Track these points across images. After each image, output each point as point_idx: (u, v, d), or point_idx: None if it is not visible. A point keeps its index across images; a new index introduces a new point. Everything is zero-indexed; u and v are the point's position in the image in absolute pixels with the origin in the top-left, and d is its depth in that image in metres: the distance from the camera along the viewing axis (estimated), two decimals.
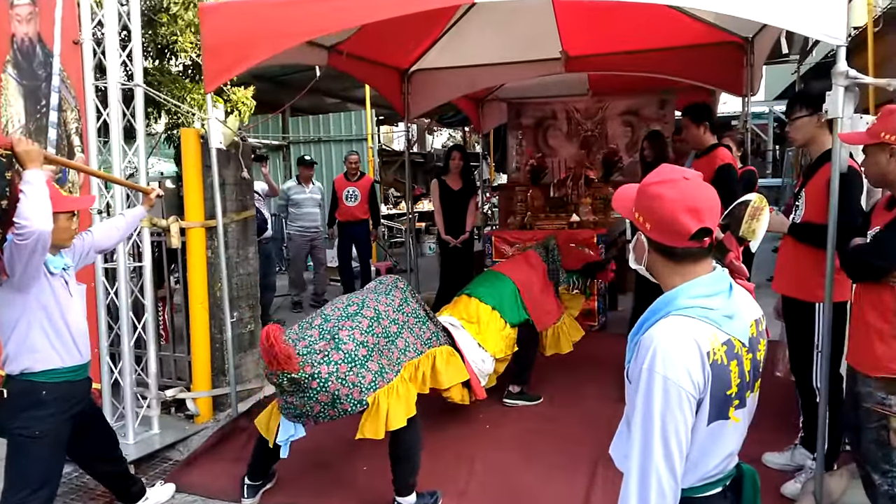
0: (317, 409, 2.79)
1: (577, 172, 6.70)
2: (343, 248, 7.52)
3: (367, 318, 2.99)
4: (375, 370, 2.87)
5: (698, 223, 1.36)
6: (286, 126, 10.54)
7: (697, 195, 1.37)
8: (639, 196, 1.45)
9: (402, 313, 3.22)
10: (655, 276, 1.49)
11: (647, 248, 1.45)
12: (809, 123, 2.92)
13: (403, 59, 5.99)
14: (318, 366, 2.74)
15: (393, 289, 3.34)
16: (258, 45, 3.39)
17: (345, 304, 3.08)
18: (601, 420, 3.84)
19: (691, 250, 1.39)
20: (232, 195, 4.36)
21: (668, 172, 1.43)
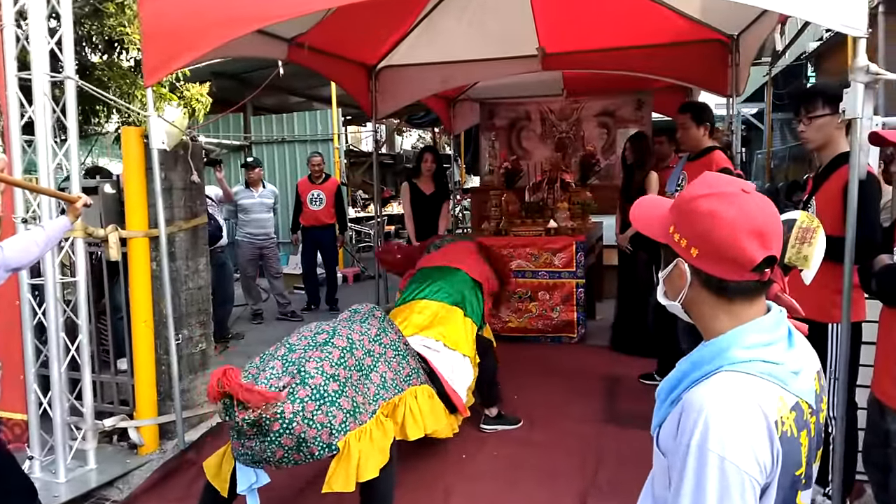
0: (279, 454, 2.37)
1: (553, 176, 6.40)
2: (307, 255, 7.11)
3: (339, 347, 2.58)
4: (347, 408, 2.47)
5: (764, 250, 1.04)
6: (248, 125, 10.07)
7: (762, 214, 1.06)
8: (681, 213, 1.12)
9: (379, 344, 2.83)
10: (696, 316, 1.16)
11: (689, 280, 1.12)
12: (830, 124, 2.62)
13: (370, 55, 5.62)
14: (281, 404, 2.32)
15: (369, 317, 2.97)
16: (205, 34, 2.99)
17: (313, 332, 2.67)
18: (587, 446, 3.55)
19: (748, 284, 1.07)
20: (180, 201, 3.94)
21: (720, 183, 1.11)
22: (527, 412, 4.02)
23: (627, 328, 5.19)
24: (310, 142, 9.55)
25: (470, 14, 5.15)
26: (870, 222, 2.45)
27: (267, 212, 6.78)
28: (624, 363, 4.92)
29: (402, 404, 2.82)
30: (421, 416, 2.90)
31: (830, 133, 2.62)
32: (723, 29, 4.94)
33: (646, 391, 4.37)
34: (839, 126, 2.59)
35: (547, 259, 5.45)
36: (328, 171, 9.12)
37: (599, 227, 6.62)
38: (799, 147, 13.35)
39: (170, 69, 3.22)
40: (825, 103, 2.59)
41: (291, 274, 8.14)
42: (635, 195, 5.02)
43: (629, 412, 3.99)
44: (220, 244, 5.72)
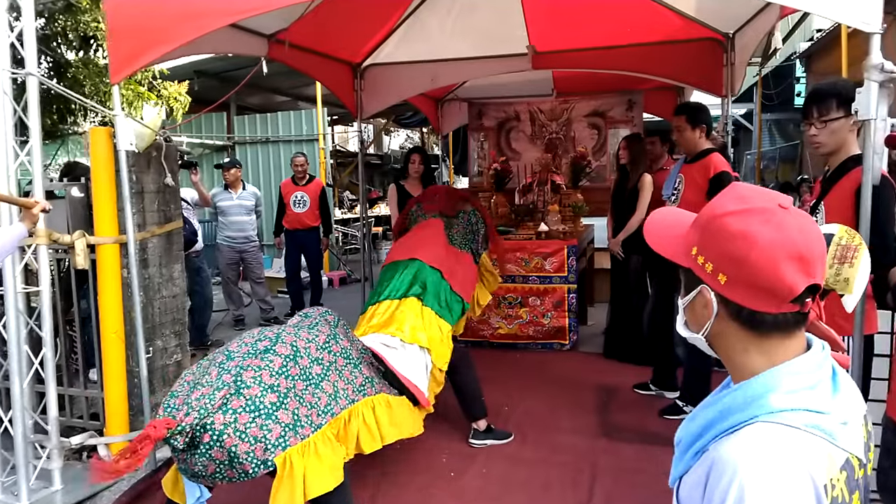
0: (211, 468, 2.17)
1: (543, 177, 6.26)
2: (291, 258, 6.91)
3: (281, 356, 2.37)
4: (287, 422, 2.25)
5: (806, 278, 0.88)
6: (231, 125, 9.84)
7: (803, 234, 0.89)
8: (706, 232, 0.96)
9: (328, 352, 2.62)
10: (722, 351, 1.00)
11: (715, 311, 0.95)
12: (844, 127, 2.45)
13: (355, 52, 5.43)
14: (212, 414, 2.12)
15: (319, 323, 2.74)
16: (174, 28, 2.80)
17: (255, 338, 2.45)
18: (581, 461, 3.39)
19: (786, 317, 0.91)
20: (153, 205, 3.74)
21: (752, 196, 0.94)
22: (518, 425, 3.86)
23: (620, 335, 5.04)
24: (295, 142, 9.35)
25: (457, 11, 4.97)
26: (884, 231, 2.30)
27: (247, 214, 6.56)
28: (617, 372, 4.77)
29: (357, 417, 2.62)
30: (378, 428, 2.70)
31: (844, 137, 2.46)
32: (718, 27, 4.79)
33: (640, 402, 4.23)
34: (852, 128, 2.44)
35: (538, 264, 5.29)
36: (313, 173, 8.94)
37: (591, 230, 6.47)
38: (788, 148, 13.32)
39: (137, 66, 3.02)
40: (839, 105, 2.41)
41: (275, 277, 7.95)
42: (629, 197, 4.91)
43: (624, 425, 3.84)
44: (195, 249, 5.52)
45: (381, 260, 11.52)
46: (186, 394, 2.20)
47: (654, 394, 4.28)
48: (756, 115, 12.46)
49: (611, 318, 5.23)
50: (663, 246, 1.04)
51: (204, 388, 2.19)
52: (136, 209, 3.60)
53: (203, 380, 2.23)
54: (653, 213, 1.11)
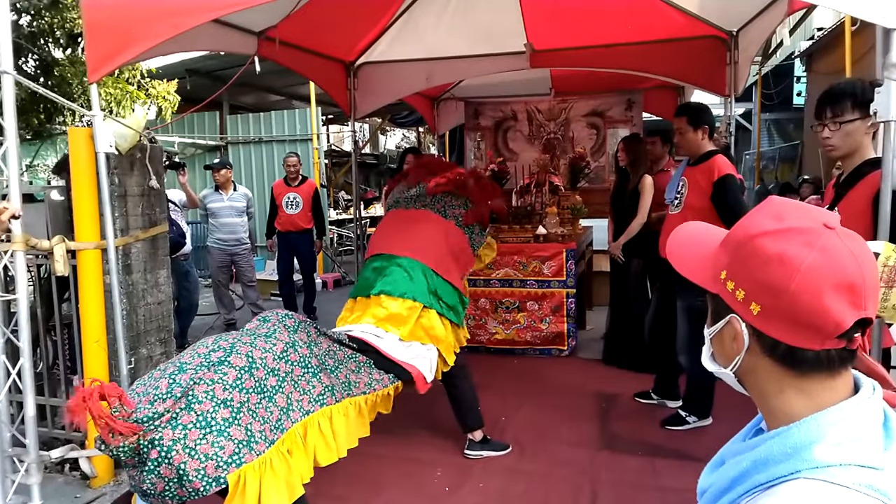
0: (160, 486, 2.05)
1: (541, 178, 6.13)
2: (284, 261, 6.77)
3: (236, 367, 2.24)
4: (240, 439, 2.14)
5: (856, 311, 0.75)
6: (223, 125, 9.69)
7: (853, 259, 0.76)
8: (737, 254, 0.83)
9: (286, 362, 2.47)
10: (754, 389, 0.86)
11: (746, 344, 0.83)
12: (860, 130, 2.33)
13: (348, 50, 5.30)
14: (161, 430, 2.01)
15: (277, 330, 2.57)
16: (153, 25, 2.66)
17: (209, 348, 2.31)
18: (581, 475, 3.27)
19: (830, 355, 0.78)
20: (137, 208, 3.60)
21: (792, 213, 0.81)
22: (515, 436, 3.73)
23: (620, 341, 4.91)
24: (288, 142, 9.20)
25: (453, 8, 4.84)
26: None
27: (238, 216, 6.42)
28: (617, 379, 4.64)
29: (313, 428, 2.49)
30: (334, 439, 2.58)
31: (859, 140, 2.33)
32: (721, 25, 4.67)
33: (641, 411, 4.10)
34: (868, 131, 2.32)
35: (536, 267, 5.16)
36: (307, 173, 8.79)
37: (589, 232, 6.35)
38: (788, 148, 13.22)
39: (116, 64, 2.88)
40: (855, 106, 2.28)
41: (268, 280, 7.80)
42: (629, 200, 4.78)
43: (625, 436, 3.72)
44: (183, 252, 5.36)
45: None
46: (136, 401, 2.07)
47: (656, 403, 4.16)
48: (755, 115, 12.36)
49: (610, 324, 5.10)
50: (688, 267, 0.91)
51: (154, 403, 2.05)
52: (118, 213, 3.47)
53: (152, 392, 2.09)
54: (677, 229, 0.98)
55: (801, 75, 12.12)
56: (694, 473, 3.33)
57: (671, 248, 0.95)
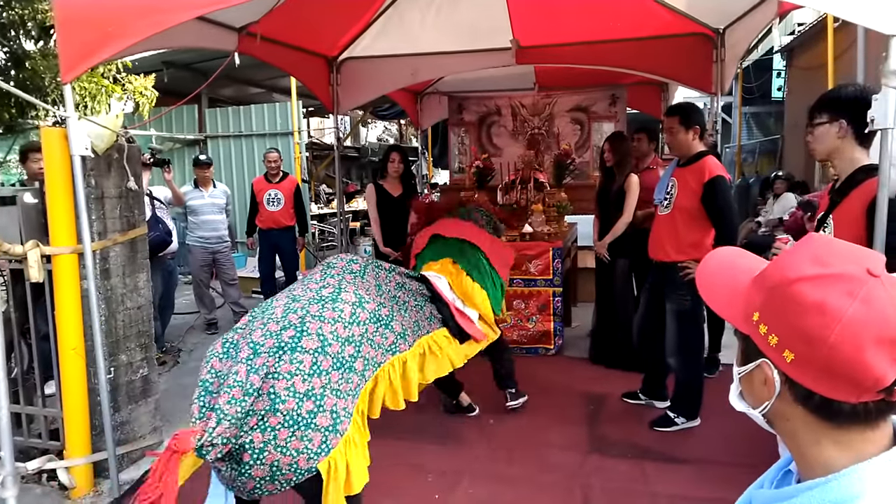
0: (251, 485, 2.09)
1: (526, 175, 6.08)
2: (265, 258, 6.66)
3: (310, 351, 2.18)
4: (326, 425, 2.14)
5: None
6: (202, 119, 9.50)
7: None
8: (772, 297, 0.78)
9: (357, 324, 2.43)
10: (787, 436, 0.82)
11: (777, 391, 0.78)
12: (829, 133, 2.34)
13: (331, 46, 5.19)
14: (251, 433, 2.02)
15: (343, 283, 2.56)
16: (132, 22, 2.55)
17: (279, 325, 2.23)
18: (571, 480, 3.24)
19: (868, 407, 0.74)
20: (115, 211, 3.50)
21: (834, 258, 0.76)
22: (504, 441, 3.70)
23: (607, 340, 4.90)
24: (269, 136, 9.04)
25: (439, 4, 4.76)
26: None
27: (219, 213, 6.29)
28: (605, 379, 4.62)
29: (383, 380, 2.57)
30: (402, 385, 2.69)
31: (833, 144, 2.35)
32: (708, 23, 4.65)
33: (630, 412, 4.09)
34: (842, 136, 2.31)
35: (522, 266, 5.12)
36: (287, 168, 8.66)
37: (574, 229, 6.31)
38: (768, 142, 13.31)
39: (90, 63, 2.76)
40: (824, 110, 2.33)
41: (249, 277, 7.68)
42: (615, 199, 4.74)
43: (614, 438, 3.70)
44: (170, 250, 5.25)
45: (360, 256, 11.33)
46: (213, 393, 2.06)
47: (644, 403, 4.14)
48: (736, 109, 12.43)
49: (597, 323, 5.08)
50: (717, 302, 0.86)
51: (233, 389, 2.02)
52: (96, 216, 3.36)
53: (230, 378, 2.05)
54: (709, 256, 0.92)
55: (781, 70, 12.19)
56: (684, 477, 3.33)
57: (702, 280, 0.90)
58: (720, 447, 3.50)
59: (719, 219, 3.43)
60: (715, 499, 3.00)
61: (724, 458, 3.35)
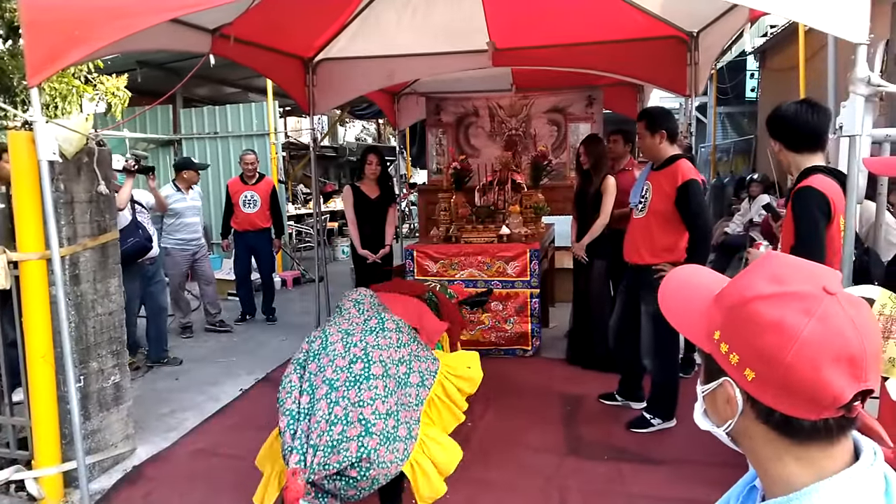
0: (352, 492, 2.46)
1: (504, 176, 6.09)
2: (241, 261, 6.60)
3: (379, 377, 2.54)
4: (404, 435, 2.54)
5: (856, 383, 0.72)
6: (177, 119, 9.38)
7: (855, 329, 0.72)
8: (732, 316, 0.78)
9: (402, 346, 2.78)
10: (750, 453, 0.83)
11: (740, 409, 0.79)
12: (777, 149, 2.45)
13: (307, 47, 5.15)
14: (357, 452, 2.38)
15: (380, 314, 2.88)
16: (99, 25, 2.50)
17: (346, 360, 2.56)
18: (549, 482, 3.25)
19: (828, 424, 0.74)
20: (85, 216, 3.43)
21: (790, 276, 0.76)
22: (481, 443, 3.70)
23: (584, 341, 4.92)
24: (244, 136, 8.95)
25: (415, 5, 4.74)
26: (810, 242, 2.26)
27: (198, 215, 6.23)
28: (582, 380, 4.65)
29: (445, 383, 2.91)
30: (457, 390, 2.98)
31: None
32: (682, 26, 4.68)
33: (607, 413, 4.12)
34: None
35: (500, 268, 5.13)
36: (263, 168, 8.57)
37: (552, 230, 6.34)
38: (742, 142, 13.49)
39: (59, 66, 2.70)
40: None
41: (225, 279, 7.59)
42: (592, 201, 4.77)
43: (591, 440, 3.72)
44: (150, 255, 5.12)
45: (337, 257, 11.27)
46: (303, 432, 2.40)
47: (620, 404, 4.17)
48: (711, 109, 12.57)
49: (574, 324, 5.11)
50: (679, 321, 0.86)
51: (322, 423, 2.38)
52: (65, 221, 3.30)
53: (317, 414, 2.41)
54: (670, 275, 0.92)
55: (755, 71, 12.35)
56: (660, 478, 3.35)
57: (664, 299, 0.90)
58: (696, 447, 3.53)
59: (693, 222, 3.47)
60: (691, 499, 3.03)
61: (699, 457, 3.38)
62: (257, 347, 5.89)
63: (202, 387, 4.84)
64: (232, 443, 3.85)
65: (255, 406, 4.35)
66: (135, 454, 3.76)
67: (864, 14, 2.04)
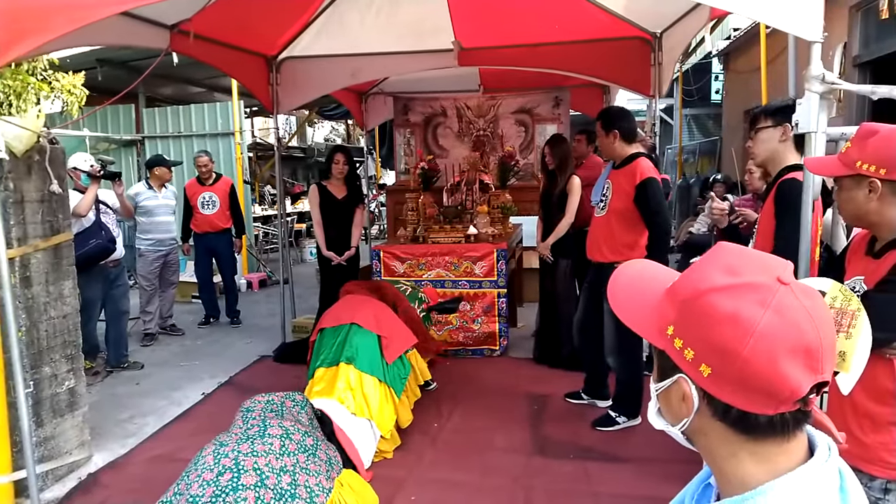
0: None
1: (471, 176, 6.08)
2: (202, 264, 6.48)
3: (251, 487, 2.25)
4: None
5: (812, 375, 0.70)
6: (140, 119, 9.18)
7: (810, 319, 0.70)
8: (685, 311, 0.76)
9: (288, 455, 2.50)
10: (705, 451, 0.80)
11: (695, 406, 0.76)
12: (774, 136, 2.42)
13: (270, 45, 5.08)
14: None
15: (267, 420, 2.64)
16: (48, 17, 2.41)
17: (214, 472, 2.27)
18: (515, 483, 3.24)
19: (785, 418, 0.73)
20: (36, 216, 3.32)
21: (743, 266, 0.74)
22: (448, 444, 3.67)
23: (550, 340, 4.93)
24: (209, 136, 8.79)
25: (379, 4, 4.70)
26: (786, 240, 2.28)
27: (171, 214, 6.10)
28: (548, 379, 4.65)
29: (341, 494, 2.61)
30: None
31: (774, 147, 2.44)
32: (646, 26, 4.73)
33: (573, 412, 4.12)
34: (784, 139, 2.39)
35: (467, 268, 5.11)
36: (229, 169, 8.45)
37: (519, 230, 6.35)
38: (708, 143, 13.70)
39: (6, 59, 2.59)
40: (767, 116, 2.44)
41: (189, 282, 7.44)
42: (557, 201, 4.78)
43: (557, 439, 3.71)
44: (113, 258, 4.95)
45: (305, 259, 11.14)
46: None
47: (586, 403, 4.18)
48: (677, 111, 12.74)
49: (540, 323, 5.11)
50: (630, 318, 0.83)
51: None
52: (14, 221, 3.19)
53: None
54: (618, 271, 0.89)
55: (719, 73, 12.56)
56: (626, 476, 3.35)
57: (612, 293, 0.87)
58: (661, 445, 3.53)
59: (651, 219, 3.51)
60: (656, 497, 3.04)
61: (665, 455, 3.40)
62: (221, 350, 5.78)
63: (163, 391, 4.73)
64: (192, 448, 3.72)
65: (218, 410, 4.25)
66: (91, 461, 3.64)
67: (818, 13, 2.06)
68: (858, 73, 5.97)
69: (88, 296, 4.60)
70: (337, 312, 3.82)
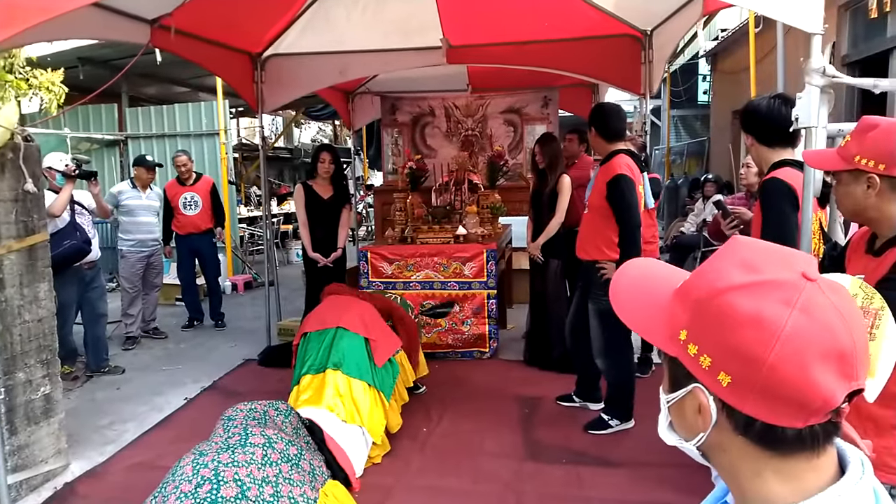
0: None
1: (460, 176, 6.01)
2: (185, 266, 6.36)
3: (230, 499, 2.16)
4: None
5: (846, 382, 0.62)
6: (122, 118, 9.02)
7: (842, 321, 0.62)
8: (699, 313, 0.67)
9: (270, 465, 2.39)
10: (724, 469, 0.72)
11: (714, 419, 0.68)
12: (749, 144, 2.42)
13: (255, 42, 4.97)
14: None
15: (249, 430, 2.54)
16: (16, 7, 2.30)
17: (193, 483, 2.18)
18: (506, 489, 3.15)
19: (814, 431, 0.65)
20: (10, 216, 3.20)
21: (766, 262, 0.66)
22: (437, 450, 3.58)
23: (541, 342, 4.85)
24: (194, 136, 8.66)
25: (364, 2, 4.61)
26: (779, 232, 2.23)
27: (154, 215, 5.98)
28: (539, 381, 4.58)
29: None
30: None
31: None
32: (636, 24, 4.67)
33: (564, 415, 4.05)
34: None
35: (457, 269, 5.03)
36: (214, 169, 8.32)
37: (509, 231, 6.28)
38: (695, 144, 13.72)
39: None
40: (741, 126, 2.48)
41: (173, 284, 7.31)
42: (548, 200, 4.71)
43: (549, 443, 3.63)
44: (88, 259, 4.81)
45: (292, 261, 11.02)
46: None
47: (578, 406, 4.11)
48: (665, 112, 12.75)
49: (531, 324, 5.03)
50: (637, 322, 0.75)
51: None
52: None
53: None
54: (622, 269, 0.81)
55: (707, 74, 12.58)
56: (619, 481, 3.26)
57: (615, 294, 0.78)
58: (654, 448, 3.47)
59: (619, 216, 3.47)
60: (650, 501, 2.97)
61: (658, 459, 3.32)
62: (205, 354, 5.65)
63: (145, 396, 4.60)
64: (173, 454, 3.61)
65: (200, 416, 4.14)
66: (68, 470, 3.52)
67: (818, 4, 2.00)
68: (847, 72, 5.95)
69: (63, 299, 4.46)
70: (321, 315, 3.72)
